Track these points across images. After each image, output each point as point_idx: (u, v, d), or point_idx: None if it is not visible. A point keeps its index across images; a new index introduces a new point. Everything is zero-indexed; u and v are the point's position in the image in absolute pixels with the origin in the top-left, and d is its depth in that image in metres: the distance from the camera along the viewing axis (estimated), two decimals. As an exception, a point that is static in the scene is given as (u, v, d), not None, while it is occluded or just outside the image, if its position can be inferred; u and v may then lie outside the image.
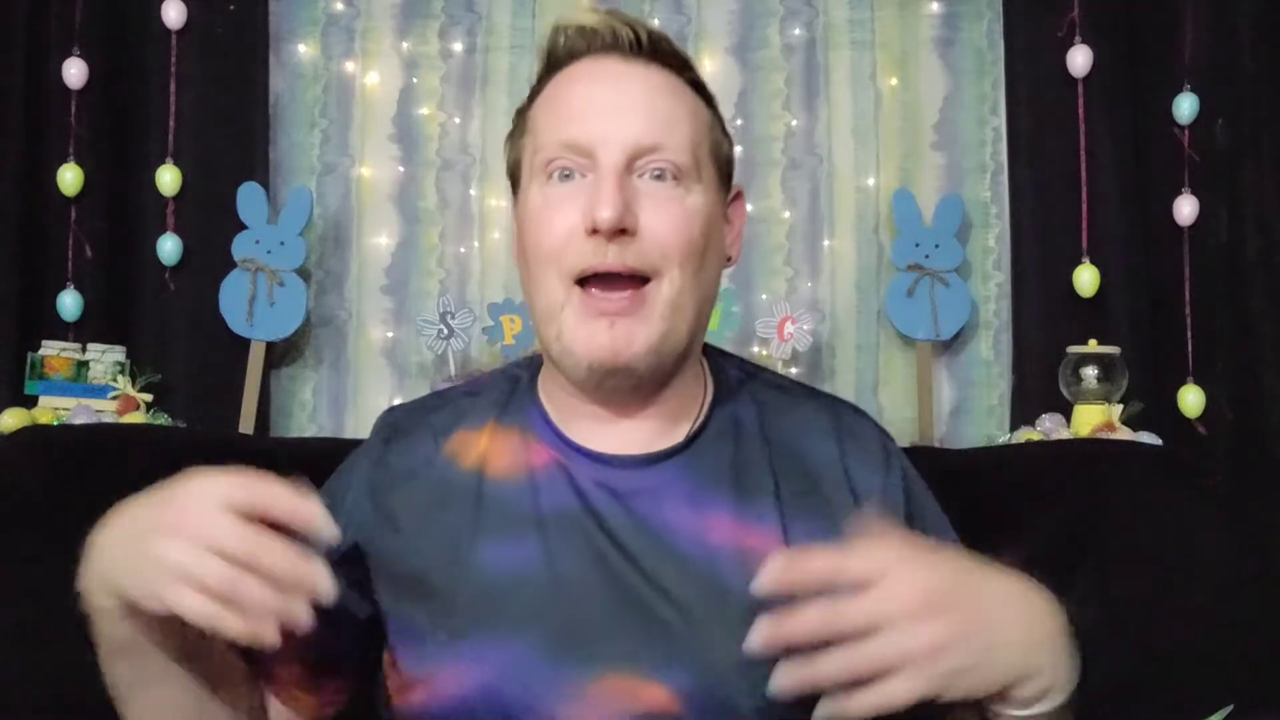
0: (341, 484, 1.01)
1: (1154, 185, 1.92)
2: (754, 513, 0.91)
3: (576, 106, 0.90)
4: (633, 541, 0.89)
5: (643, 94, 0.91)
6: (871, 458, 0.97)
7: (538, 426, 0.96)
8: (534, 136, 0.93)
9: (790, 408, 0.99)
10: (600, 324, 0.88)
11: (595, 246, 0.87)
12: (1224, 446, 1.87)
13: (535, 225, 0.91)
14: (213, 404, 1.91)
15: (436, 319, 1.89)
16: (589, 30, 0.92)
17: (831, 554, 0.74)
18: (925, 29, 2.02)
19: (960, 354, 2.00)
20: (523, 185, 0.95)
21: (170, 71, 1.94)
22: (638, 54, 0.91)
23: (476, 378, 1.08)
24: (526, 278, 0.95)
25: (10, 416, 1.74)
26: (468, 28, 2.03)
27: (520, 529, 0.91)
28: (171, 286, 1.95)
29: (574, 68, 0.93)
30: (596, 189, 0.87)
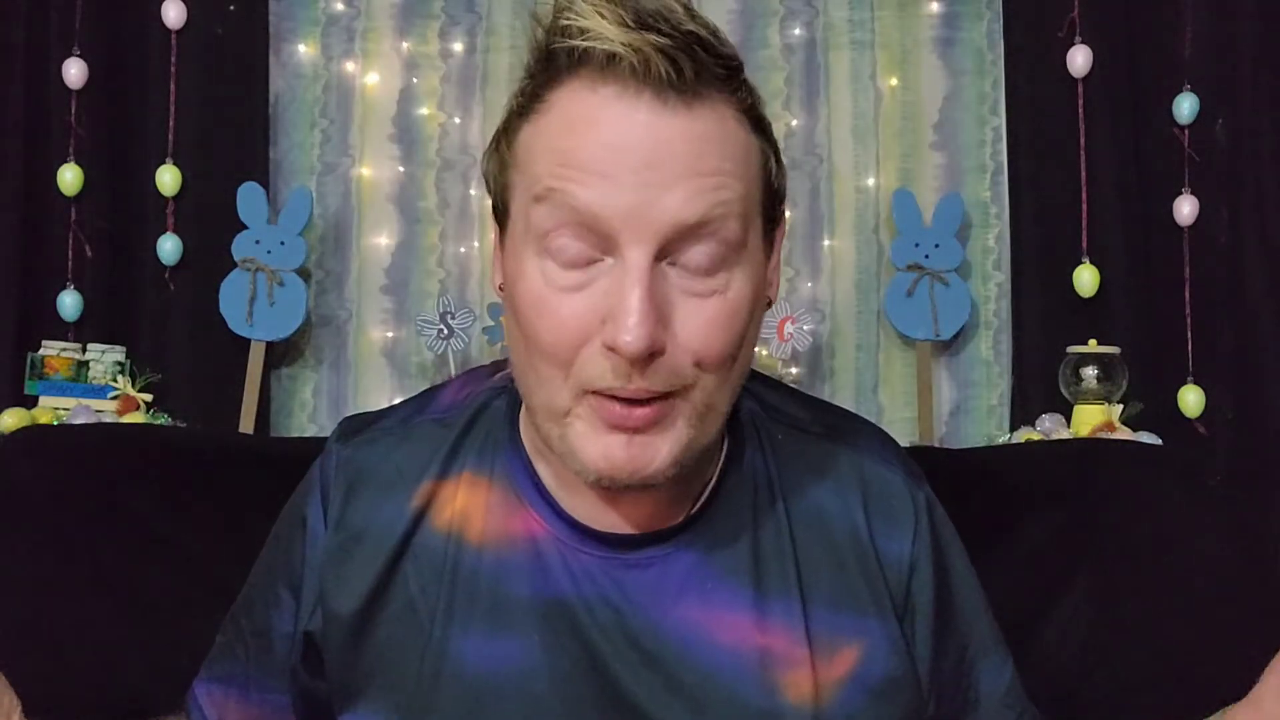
0: (294, 555, 0.86)
1: (1154, 185, 1.92)
2: (774, 603, 0.79)
3: (592, 163, 0.68)
4: (633, 639, 0.77)
5: (684, 153, 0.68)
6: (899, 522, 0.83)
7: (523, 487, 0.81)
8: (528, 180, 0.72)
9: (809, 457, 0.84)
10: (616, 439, 0.71)
11: (615, 366, 0.69)
12: (1224, 446, 1.86)
13: (535, 314, 0.71)
14: (213, 404, 1.91)
15: (436, 319, 1.89)
16: (612, 57, 0.69)
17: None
18: (925, 29, 2.02)
19: (960, 354, 2.00)
20: (513, 235, 0.74)
21: (170, 71, 1.94)
22: (678, 89, 0.69)
23: (448, 396, 0.89)
24: (520, 360, 0.76)
25: (10, 416, 1.73)
26: (468, 28, 2.03)
27: (503, 617, 0.78)
28: (171, 286, 1.95)
29: (588, 97, 0.70)
30: (620, 297, 0.68)
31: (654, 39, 0.67)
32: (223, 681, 0.90)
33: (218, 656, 0.92)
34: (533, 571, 0.78)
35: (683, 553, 0.79)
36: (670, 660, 0.76)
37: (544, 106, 0.72)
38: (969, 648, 0.86)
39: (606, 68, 0.69)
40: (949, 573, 0.85)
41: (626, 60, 0.68)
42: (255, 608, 0.89)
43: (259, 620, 0.88)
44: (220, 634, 0.92)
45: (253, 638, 0.89)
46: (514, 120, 0.75)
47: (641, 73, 0.68)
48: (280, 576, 0.87)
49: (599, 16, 0.68)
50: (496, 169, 0.76)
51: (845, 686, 0.78)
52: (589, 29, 0.68)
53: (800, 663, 0.77)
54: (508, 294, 0.75)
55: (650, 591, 0.77)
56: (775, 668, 0.76)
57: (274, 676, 0.88)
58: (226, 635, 0.91)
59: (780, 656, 0.77)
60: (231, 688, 0.89)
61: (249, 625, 0.89)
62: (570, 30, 0.69)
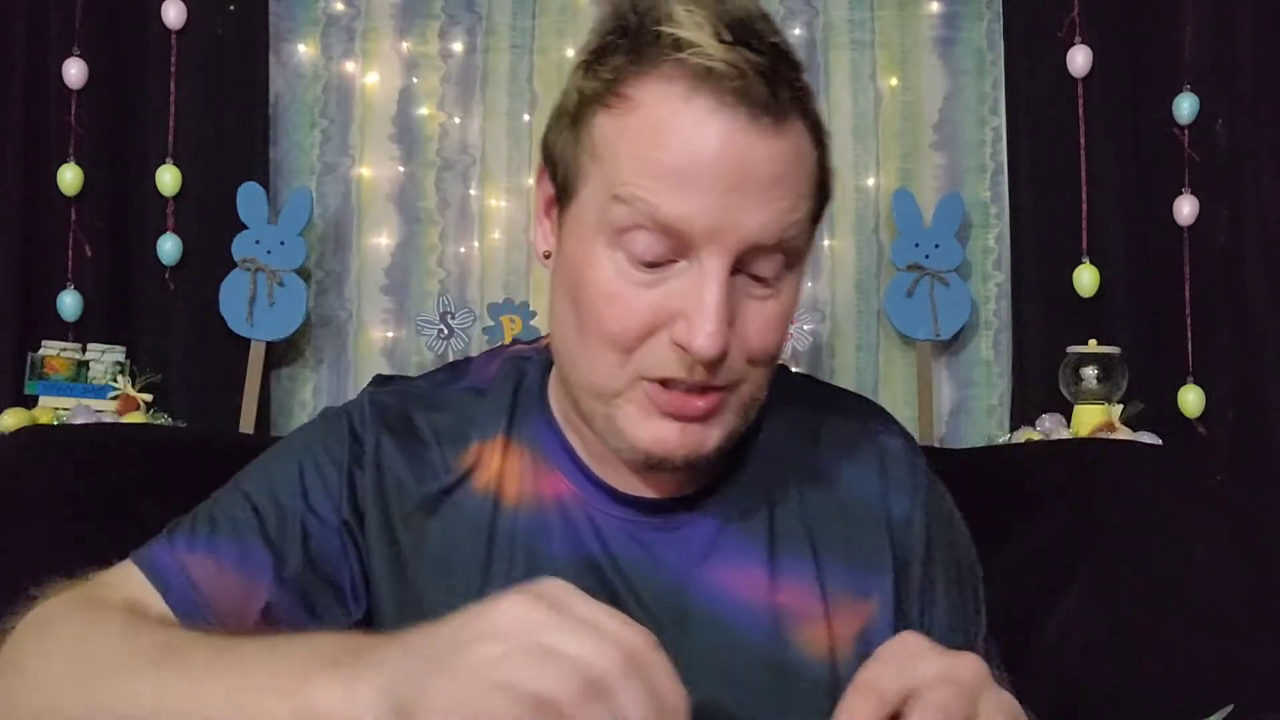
0: (326, 470, 0.83)
1: (1154, 185, 1.92)
2: (789, 562, 0.82)
3: (681, 177, 0.70)
4: (658, 598, 0.79)
5: (769, 175, 0.71)
6: (904, 485, 0.87)
7: (552, 452, 0.84)
8: (608, 175, 0.73)
9: (817, 426, 0.88)
10: (668, 425, 0.74)
11: (681, 360, 0.72)
12: (1224, 446, 1.87)
13: (604, 303, 0.73)
14: (213, 404, 1.91)
15: (436, 319, 1.90)
16: (710, 70, 0.69)
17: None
18: (925, 29, 2.02)
19: (960, 354, 2.00)
20: (579, 218, 0.75)
21: (170, 71, 1.94)
22: (771, 111, 0.70)
23: (478, 368, 0.91)
24: (569, 338, 0.78)
25: (10, 416, 1.73)
26: (468, 28, 2.03)
27: (531, 573, 0.76)
28: (171, 286, 1.95)
29: (680, 107, 0.70)
30: (696, 301, 0.71)
31: (751, 56, 0.69)
32: (212, 549, 0.80)
33: (203, 523, 0.82)
34: (564, 532, 0.81)
35: (705, 517, 0.82)
36: (693, 618, 0.79)
37: (628, 103, 0.72)
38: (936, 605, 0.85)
39: (703, 80, 0.70)
40: (941, 533, 0.87)
41: (725, 76, 0.69)
42: (276, 483, 0.83)
43: (282, 497, 0.82)
44: (204, 510, 0.83)
45: (264, 507, 0.81)
46: (590, 104, 0.75)
47: (739, 91, 0.69)
48: (309, 469, 0.82)
49: (698, 29, 0.69)
50: (567, 147, 0.77)
51: (859, 641, 0.81)
52: (688, 41, 0.70)
53: (816, 618, 0.81)
54: (566, 274, 0.77)
55: (674, 553, 0.81)
56: (793, 624, 0.78)
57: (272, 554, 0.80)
58: (221, 506, 0.83)
59: (797, 613, 0.79)
60: (226, 557, 0.79)
61: (263, 501, 0.82)
62: (665, 38, 0.71)
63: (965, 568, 0.88)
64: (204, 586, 0.78)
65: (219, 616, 0.77)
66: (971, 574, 0.89)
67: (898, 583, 0.83)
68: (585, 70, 0.76)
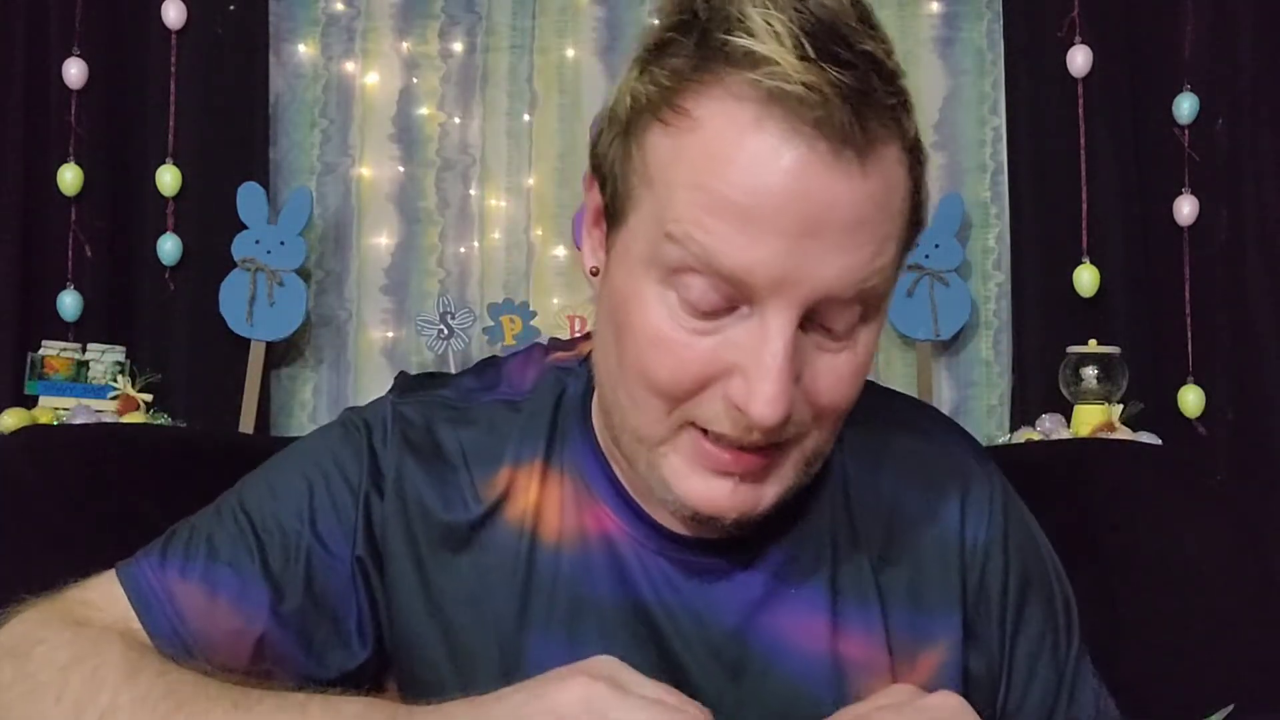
0: (337, 491, 0.76)
1: (1154, 185, 1.92)
2: (853, 609, 0.74)
3: (744, 216, 0.60)
4: (714, 649, 0.72)
5: (850, 219, 0.61)
6: (979, 509, 0.78)
7: (596, 481, 0.75)
8: (660, 206, 0.63)
9: (880, 451, 0.79)
10: (719, 483, 0.66)
11: (735, 419, 0.63)
12: (1224, 446, 1.87)
13: (651, 348, 0.64)
14: (213, 404, 1.91)
15: (436, 319, 1.90)
16: (786, 94, 0.59)
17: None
18: (925, 29, 2.02)
19: (960, 354, 2.00)
20: (628, 246, 0.66)
21: (170, 71, 1.94)
22: (856, 144, 0.60)
23: (512, 374, 0.81)
24: (610, 377, 0.69)
25: (10, 416, 1.74)
26: (468, 28, 2.03)
27: (583, 621, 0.73)
28: (171, 286, 1.95)
29: (748, 133, 0.60)
30: (756, 361, 0.61)
31: (835, 75, 0.58)
32: (206, 578, 0.72)
33: (200, 546, 0.74)
34: (611, 574, 0.73)
35: (763, 559, 0.74)
36: (750, 669, 0.73)
37: (687, 120, 0.62)
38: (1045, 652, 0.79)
39: (776, 103, 0.59)
40: (1025, 554, 0.80)
41: (803, 102, 0.58)
42: (278, 502, 0.76)
43: (287, 521, 0.75)
44: (195, 524, 0.76)
45: (267, 532, 0.74)
46: (644, 113, 0.64)
47: (819, 120, 0.59)
48: (320, 491, 0.75)
49: (774, 40, 0.58)
50: (617, 162, 0.66)
51: (929, 690, 0.73)
52: (763, 57, 0.59)
53: (881, 670, 0.74)
54: (611, 304, 0.68)
55: (730, 598, 0.73)
56: (856, 676, 0.73)
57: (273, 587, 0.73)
58: (218, 524, 0.75)
59: (861, 664, 0.73)
60: (221, 588, 0.72)
61: (267, 525, 0.75)
62: (735, 49, 0.60)
63: (1054, 583, 0.81)
64: (192, 619, 0.71)
65: (205, 651, 0.70)
66: (1061, 589, 0.81)
67: (968, 618, 0.76)
68: (641, 69, 0.65)
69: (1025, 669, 0.78)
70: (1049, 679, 0.78)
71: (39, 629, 0.67)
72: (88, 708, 0.61)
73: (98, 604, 0.71)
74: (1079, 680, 0.79)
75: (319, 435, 0.80)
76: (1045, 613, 0.79)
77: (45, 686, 0.63)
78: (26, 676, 0.64)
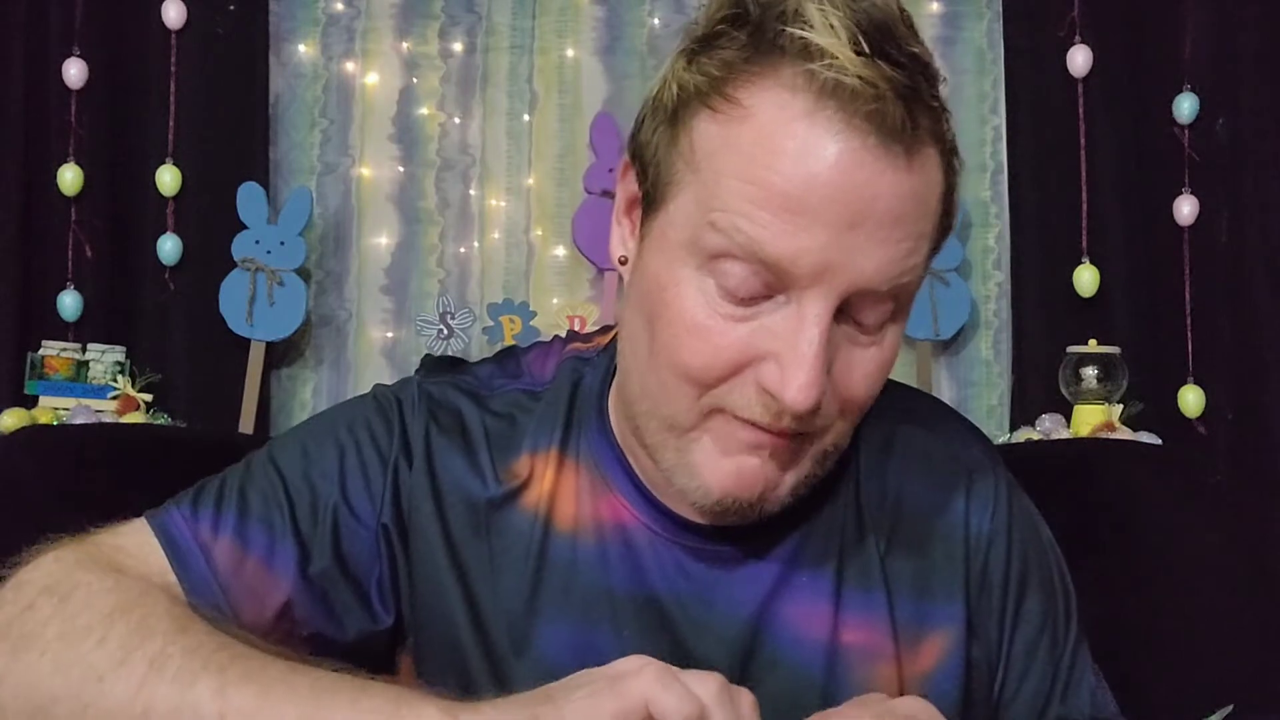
0: (351, 441, 0.76)
1: (1154, 185, 1.92)
2: (859, 597, 0.75)
3: (791, 206, 0.61)
4: (723, 636, 0.73)
5: (893, 213, 0.63)
6: (983, 499, 0.79)
7: (611, 471, 0.76)
8: (706, 192, 0.64)
9: (888, 442, 0.80)
10: (749, 460, 0.67)
11: (767, 405, 0.65)
12: (1224, 446, 1.87)
13: (686, 333, 0.65)
14: (213, 404, 1.91)
15: (436, 319, 1.90)
16: (841, 86, 0.60)
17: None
18: (925, 29, 2.01)
19: (960, 354, 2.00)
20: (665, 231, 0.67)
21: (170, 71, 1.94)
22: (904, 140, 0.62)
23: (532, 364, 0.82)
24: (639, 364, 0.70)
25: (10, 416, 1.74)
26: (468, 28, 2.03)
27: (595, 610, 0.74)
28: (171, 286, 1.95)
29: (800, 124, 0.61)
30: (792, 347, 0.63)
31: (889, 72, 0.60)
32: (240, 535, 0.72)
33: (231, 500, 0.74)
34: (625, 563, 0.74)
35: (775, 548, 0.75)
36: (758, 659, 0.73)
37: (738, 110, 0.63)
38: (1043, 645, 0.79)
39: (831, 95, 0.61)
40: (1028, 545, 0.80)
41: (859, 95, 0.60)
42: (309, 465, 0.76)
43: (318, 483, 0.75)
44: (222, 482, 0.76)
45: (297, 491, 0.74)
46: (692, 102, 0.65)
47: (873, 114, 0.61)
48: (351, 457, 0.76)
49: (831, 34, 0.60)
50: (662, 148, 0.67)
51: (933, 677, 0.75)
52: (820, 49, 0.60)
53: (886, 657, 0.75)
54: (643, 290, 0.69)
55: (742, 589, 0.74)
56: (860, 664, 0.74)
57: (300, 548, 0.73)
58: (246, 482, 0.75)
59: (865, 652, 0.74)
60: (253, 546, 0.72)
61: (297, 484, 0.75)
62: (791, 40, 0.61)
63: (1055, 577, 0.81)
64: (223, 575, 0.71)
65: (233, 607, 0.70)
66: (1062, 581, 0.82)
67: (970, 607, 0.77)
68: (689, 60, 0.66)
69: (1022, 660, 0.78)
70: (1044, 672, 0.79)
71: (78, 571, 0.66)
72: (135, 653, 0.59)
73: (132, 551, 0.71)
74: (1075, 674, 0.80)
75: (351, 404, 0.81)
76: (1045, 606, 0.79)
77: (87, 630, 0.61)
78: (67, 618, 0.62)
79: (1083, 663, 0.81)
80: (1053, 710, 0.78)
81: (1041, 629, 0.79)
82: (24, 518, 1.43)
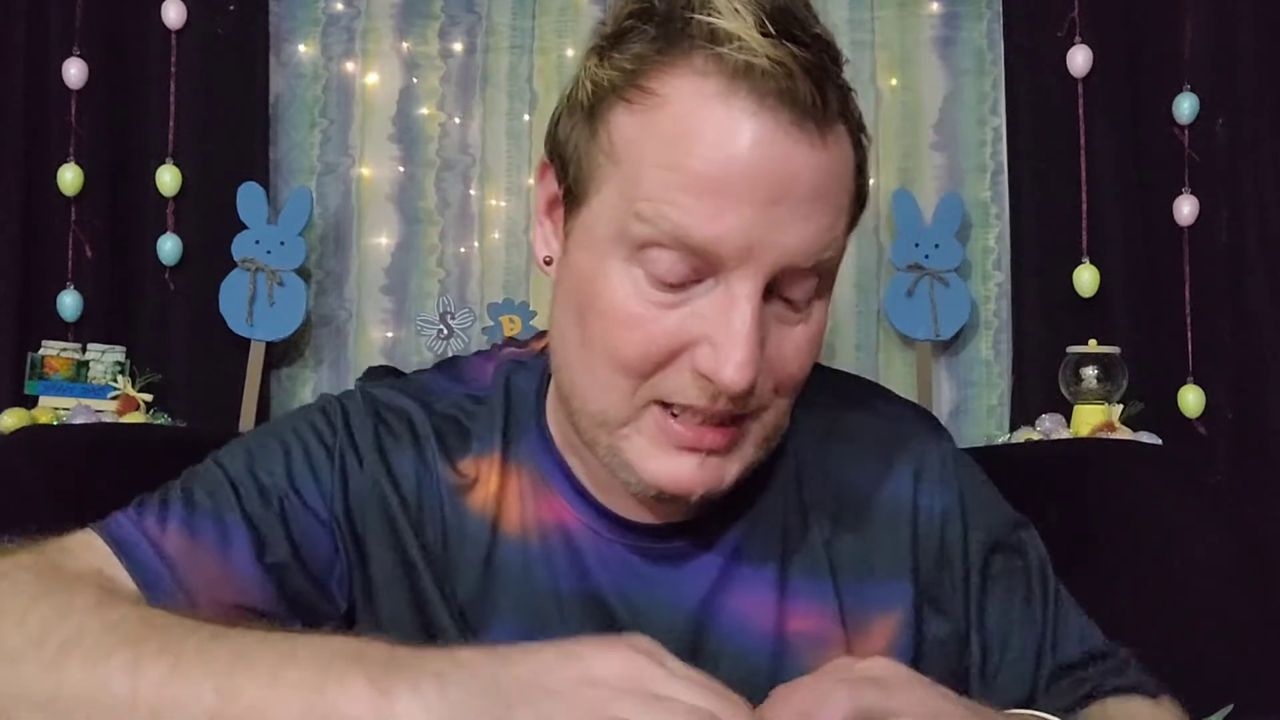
0: (296, 438, 0.76)
1: (1154, 185, 1.91)
2: (805, 585, 0.75)
3: (712, 189, 0.62)
4: (667, 631, 0.72)
5: (811, 189, 0.64)
6: (932, 478, 0.79)
7: (552, 475, 0.76)
8: (629, 184, 0.65)
9: (827, 428, 0.80)
10: (684, 460, 0.68)
11: (701, 389, 0.65)
12: (1224, 446, 1.86)
13: (619, 325, 0.66)
14: (213, 404, 1.91)
15: (436, 319, 1.90)
16: (750, 66, 0.62)
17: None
18: (925, 29, 2.02)
19: (960, 354, 2.00)
20: (590, 226, 0.68)
21: (170, 71, 1.94)
22: (816, 118, 0.64)
23: (473, 370, 0.83)
24: (573, 360, 0.70)
25: (10, 416, 1.73)
26: (468, 28, 2.03)
27: (543, 611, 0.74)
28: (171, 286, 1.95)
29: (715, 108, 0.63)
30: (725, 329, 0.64)
31: (797, 52, 0.62)
32: (187, 525, 0.72)
33: (175, 497, 0.74)
34: (568, 565, 0.75)
35: (716, 543, 0.75)
36: (708, 653, 0.74)
37: (652, 99, 0.64)
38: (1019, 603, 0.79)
39: (742, 77, 0.62)
40: (982, 514, 0.80)
41: (769, 74, 0.62)
42: (259, 462, 0.76)
43: (263, 476, 0.75)
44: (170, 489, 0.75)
45: (243, 484, 0.74)
46: (608, 96, 0.66)
47: (783, 92, 0.62)
48: (296, 451, 0.76)
49: (736, 16, 0.62)
50: (581, 144, 0.68)
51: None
52: (727, 33, 0.62)
53: (835, 643, 0.75)
54: (572, 287, 0.69)
55: (685, 584, 0.75)
56: (812, 651, 0.74)
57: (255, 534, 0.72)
58: (196, 482, 0.75)
59: (813, 639, 0.74)
60: (202, 533, 0.72)
61: (242, 478, 0.74)
62: (699, 27, 0.63)
63: (1018, 539, 0.81)
64: (176, 564, 0.69)
65: (194, 602, 0.68)
66: (1030, 541, 0.82)
67: (925, 585, 0.77)
68: (600, 57, 0.68)
69: (1000, 629, 0.78)
70: (1028, 632, 0.78)
71: (10, 567, 0.65)
72: (51, 634, 0.58)
73: (73, 550, 0.70)
74: (1060, 622, 0.80)
75: (295, 410, 0.82)
76: (1012, 570, 0.79)
77: (7, 613, 0.60)
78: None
79: (1064, 607, 0.81)
80: (1046, 665, 0.78)
81: (1012, 593, 0.79)
82: (24, 518, 1.43)
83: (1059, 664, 0.78)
